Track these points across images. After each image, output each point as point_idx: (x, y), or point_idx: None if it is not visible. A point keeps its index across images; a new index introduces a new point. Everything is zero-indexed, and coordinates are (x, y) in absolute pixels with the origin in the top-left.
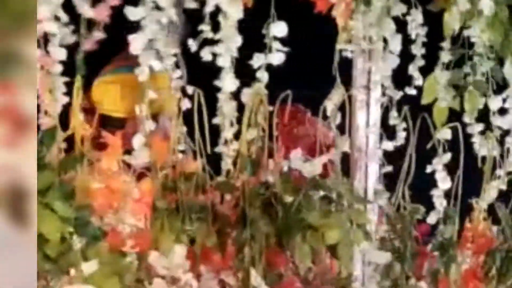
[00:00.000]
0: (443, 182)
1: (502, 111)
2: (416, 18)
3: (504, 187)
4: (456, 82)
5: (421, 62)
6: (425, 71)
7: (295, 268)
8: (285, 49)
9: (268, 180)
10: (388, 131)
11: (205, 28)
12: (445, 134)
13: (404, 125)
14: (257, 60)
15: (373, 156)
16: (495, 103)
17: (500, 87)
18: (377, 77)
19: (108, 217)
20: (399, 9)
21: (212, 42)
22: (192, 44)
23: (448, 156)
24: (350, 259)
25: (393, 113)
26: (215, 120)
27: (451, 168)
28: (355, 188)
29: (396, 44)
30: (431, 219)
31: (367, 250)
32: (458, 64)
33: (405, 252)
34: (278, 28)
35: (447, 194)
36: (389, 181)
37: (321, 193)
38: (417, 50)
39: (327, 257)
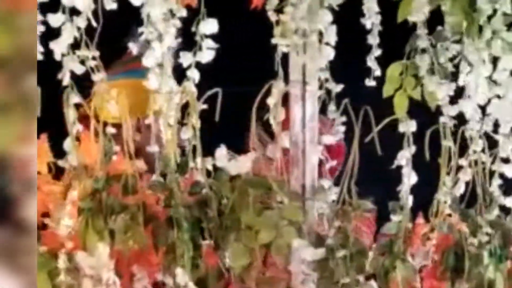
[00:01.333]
0: (409, 177)
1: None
2: (371, 6)
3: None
4: (417, 71)
5: (378, 52)
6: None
7: (232, 268)
8: (215, 46)
9: (201, 180)
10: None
11: (145, 30)
12: (409, 126)
13: (343, 119)
14: (186, 58)
15: (310, 152)
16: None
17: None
18: (312, 71)
19: (42, 220)
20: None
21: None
22: (133, 47)
23: (412, 150)
24: (285, 257)
25: (332, 107)
26: (148, 121)
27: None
28: (291, 185)
29: (331, 35)
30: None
31: (299, 247)
32: (418, 52)
33: (348, 250)
34: (208, 26)
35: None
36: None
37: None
38: (373, 40)
39: (268, 255)
